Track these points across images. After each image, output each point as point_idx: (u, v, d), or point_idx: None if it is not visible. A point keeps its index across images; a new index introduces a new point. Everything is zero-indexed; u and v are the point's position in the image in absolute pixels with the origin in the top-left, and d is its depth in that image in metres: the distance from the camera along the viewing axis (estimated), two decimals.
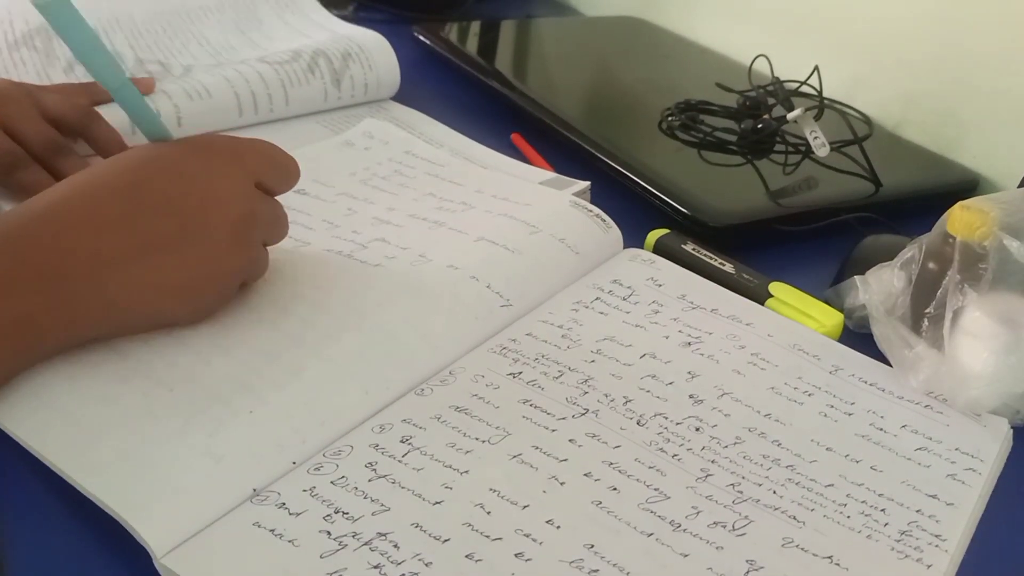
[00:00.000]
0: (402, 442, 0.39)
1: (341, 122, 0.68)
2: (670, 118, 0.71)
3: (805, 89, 0.72)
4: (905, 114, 0.78)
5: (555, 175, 0.62)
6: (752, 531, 0.37)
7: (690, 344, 0.48)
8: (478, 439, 0.39)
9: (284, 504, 0.35)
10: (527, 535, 0.35)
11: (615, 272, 0.53)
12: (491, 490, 0.37)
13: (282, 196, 0.46)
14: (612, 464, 0.39)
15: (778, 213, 0.62)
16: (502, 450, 0.39)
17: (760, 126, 0.69)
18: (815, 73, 0.72)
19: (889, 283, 0.49)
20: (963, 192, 0.67)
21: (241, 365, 0.40)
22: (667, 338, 0.48)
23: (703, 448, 0.41)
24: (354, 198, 0.56)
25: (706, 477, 0.39)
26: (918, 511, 0.39)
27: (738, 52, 0.86)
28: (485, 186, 0.58)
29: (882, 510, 0.39)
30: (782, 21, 0.88)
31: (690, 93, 0.73)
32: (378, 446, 0.38)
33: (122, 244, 0.39)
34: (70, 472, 0.35)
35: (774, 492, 0.39)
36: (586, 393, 0.43)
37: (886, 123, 0.78)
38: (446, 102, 0.75)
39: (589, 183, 0.61)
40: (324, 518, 0.35)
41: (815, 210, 0.62)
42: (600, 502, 0.37)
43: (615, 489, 0.38)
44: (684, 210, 0.58)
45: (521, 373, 0.44)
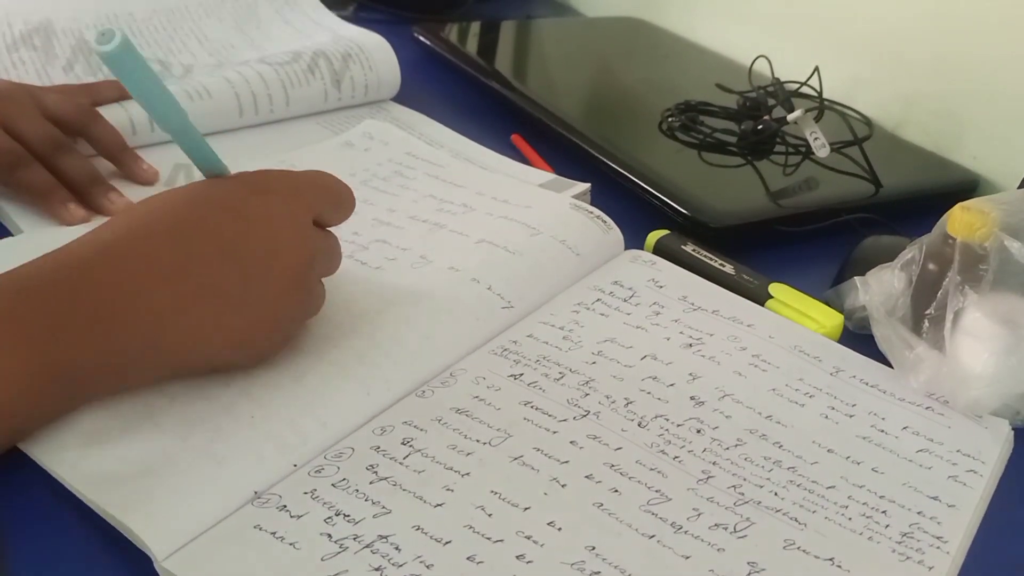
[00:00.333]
0: (403, 444, 0.39)
1: (341, 123, 0.68)
2: (670, 119, 0.71)
3: (805, 90, 0.72)
4: (905, 115, 0.78)
5: (555, 176, 0.62)
6: (753, 533, 0.37)
7: (691, 345, 0.48)
8: (479, 441, 0.39)
9: (285, 507, 0.35)
10: (528, 537, 0.35)
11: (616, 273, 0.53)
12: (492, 492, 0.37)
13: None
14: (613, 466, 0.39)
15: (778, 214, 0.62)
16: (503, 452, 0.39)
17: (760, 127, 0.69)
18: (815, 74, 0.72)
19: (889, 284, 0.49)
20: (963, 193, 0.67)
21: (242, 370, 0.40)
22: (668, 340, 0.48)
23: (704, 450, 0.41)
24: None
25: (707, 479, 0.39)
26: (919, 513, 0.39)
27: (738, 53, 0.86)
28: (486, 188, 0.58)
29: (883, 512, 0.39)
30: (782, 22, 0.88)
31: (690, 94, 0.73)
32: (379, 448, 0.38)
33: (179, 291, 0.36)
34: (71, 481, 0.35)
35: (775, 494, 0.39)
36: (587, 395, 0.43)
37: (886, 124, 0.78)
38: (446, 103, 0.75)
39: (589, 185, 0.61)
40: (325, 520, 0.35)
41: (815, 211, 0.62)
42: (601, 504, 0.37)
43: (616, 491, 0.38)
44: (684, 211, 0.58)
45: (522, 375, 0.44)
